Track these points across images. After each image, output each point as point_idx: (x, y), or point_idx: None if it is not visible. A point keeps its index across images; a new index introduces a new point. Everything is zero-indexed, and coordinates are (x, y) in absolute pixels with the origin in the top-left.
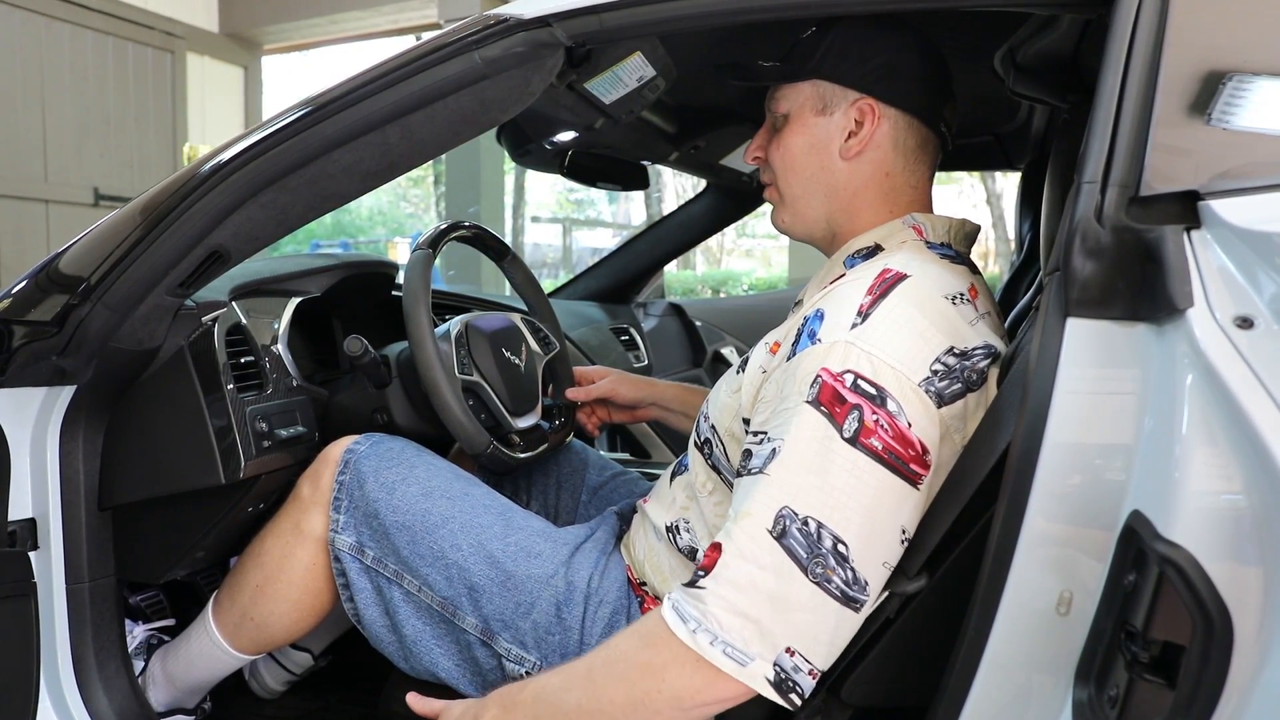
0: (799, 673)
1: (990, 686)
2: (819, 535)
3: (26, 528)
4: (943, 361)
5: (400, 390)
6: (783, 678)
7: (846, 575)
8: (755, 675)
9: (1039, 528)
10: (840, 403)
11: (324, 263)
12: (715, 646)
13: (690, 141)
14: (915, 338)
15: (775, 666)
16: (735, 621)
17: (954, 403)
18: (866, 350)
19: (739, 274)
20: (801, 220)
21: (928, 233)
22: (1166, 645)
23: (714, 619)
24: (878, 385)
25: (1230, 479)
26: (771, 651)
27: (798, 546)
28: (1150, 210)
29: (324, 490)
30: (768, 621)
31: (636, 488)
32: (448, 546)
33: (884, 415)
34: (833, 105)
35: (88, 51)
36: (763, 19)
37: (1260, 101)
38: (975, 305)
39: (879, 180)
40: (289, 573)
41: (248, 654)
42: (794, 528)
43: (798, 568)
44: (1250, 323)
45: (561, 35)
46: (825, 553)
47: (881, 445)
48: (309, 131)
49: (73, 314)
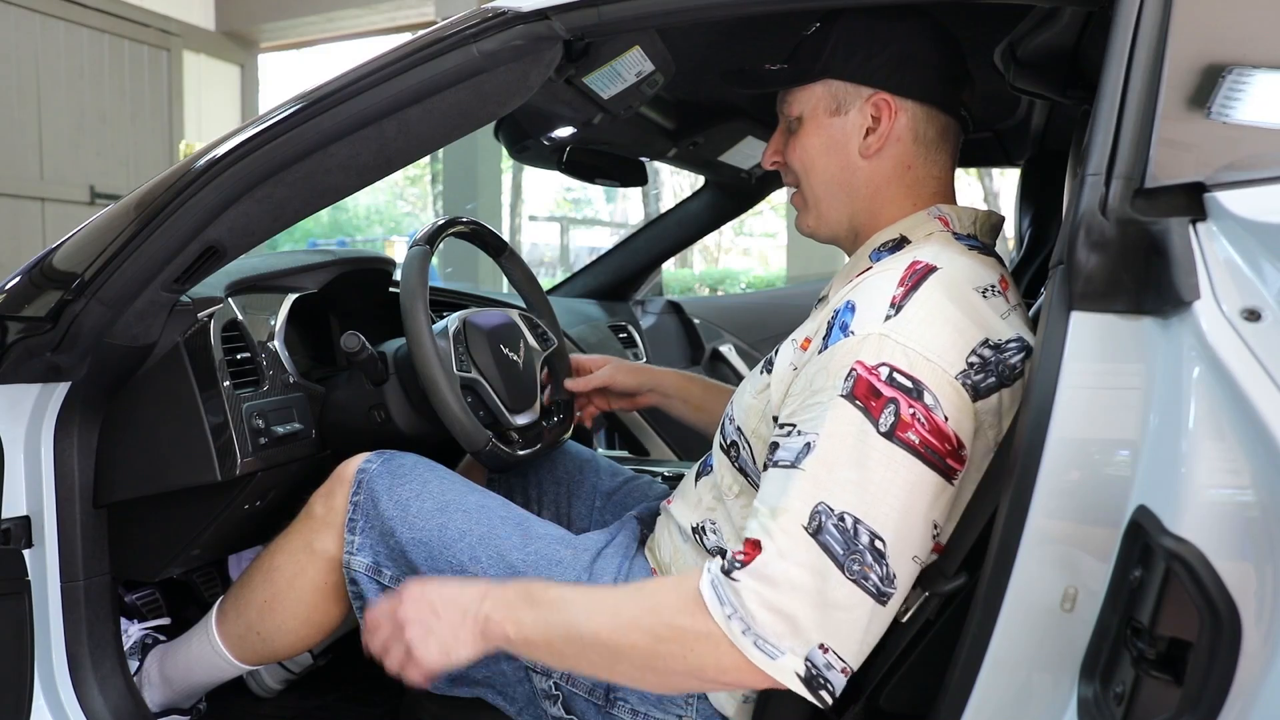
0: (831, 670)
1: (994, 683)
2: (855, 531)
3: (21, 525)
4: (979, 354)
5: (398, 387)
6: (814, 674)
7: (882, 571)
8: (785, 670)
9: (1043, 524)
10: (876, 396)
11: (321, 259)
12: (747, 636)
13: (689, 138)
14: (950, 330)
15: (807, 662)
16: (769, 617)
17: (989, 396)
18: (901, 343)
19: (736, 272)
20: (825, 223)
21: (954, 224)
22: (1173, 641)
23: (749, 612)
24: (914, 378)
25: (1237, 473)
26: (804, 647)
27: (834, 543)
28: (1155, 203)
29: (338, 511)
30: (803, 619)
31: (651, 491)
32: (466, 560)
33: (920, 409)
34: (847, 104)
35: (84, 49)
36: (761, 13)
37: (1266, 93)
38: (1007, 297)
39: (901, 174)
40: (299, 590)
41: (250, 664)
42: (830, 524)
43: (834, 565)
44: (1257, 315)
45: (560, 29)
46: (862, 549)
47: (918, 439)
48: (305, 126)
49: (67, 310)
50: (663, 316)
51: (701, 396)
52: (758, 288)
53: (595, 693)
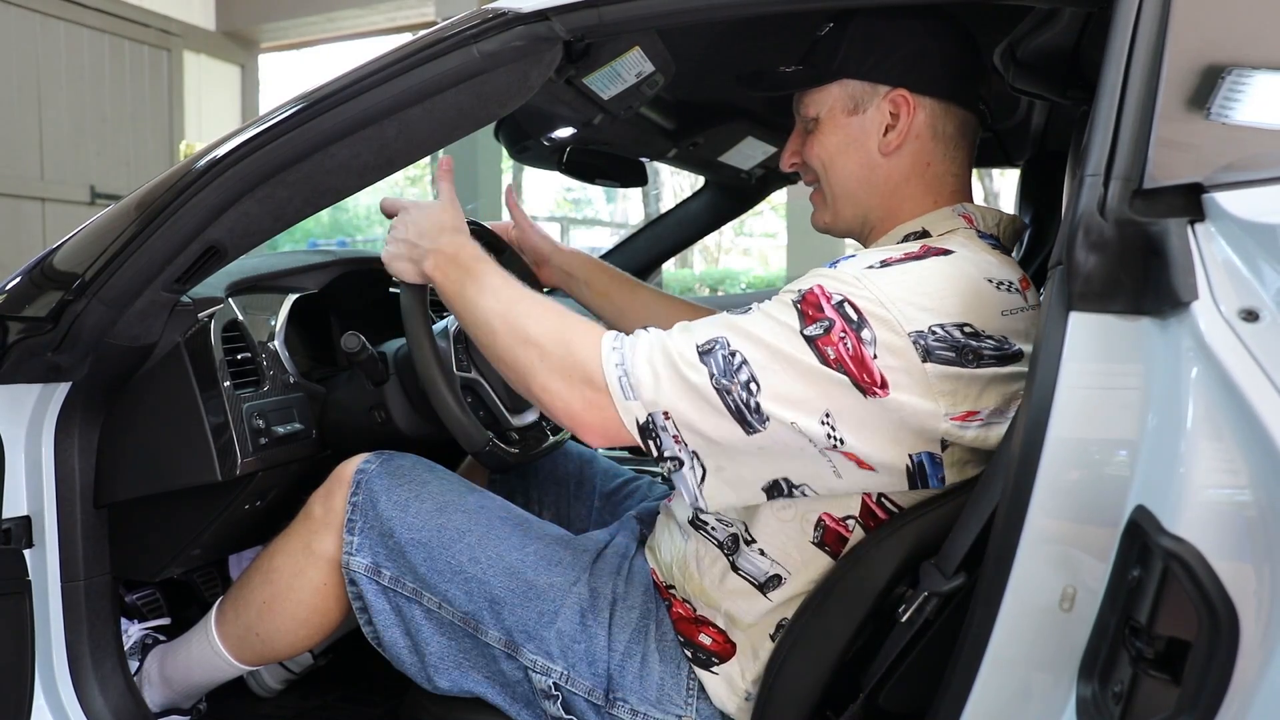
0: (665, 433)
1: (993, 683)
2: (739, 367)
3: (21, 525)
4: (948, 330)
5: (398, 387)
6: (650, 428)
7: (747, 400)
8: (629, 410)
9: (1041, 524)
10: (817, 310)
11: (321, 259)
12: (617, 369)
13: (689, 138)
14: (925, 298)
15: (648, 416)
16: (644, 367)
17: (941, 365)
18: (868, 287)
19: (737, 272)
20: (842, 219)
21: (979, 222)
22: (1171, 641)
23: (632, 351)
24: (862, 314)
25: (1235, 473)
26: (653, 406)
27: (715, 364)
28: (1154, 203)
29: (337, 511)
30: (665, 382)
31: (651, 491)
32: (465, 560)
33: (852, 337)
34: (864, 103)
35: (84, 49)
36: (760, 14)
37: (1264, 94)
38: (1025, 296)
39: (920, 171)
40: (298, 592)
41: (250, 665)
42: (720, 352)
43: (708, 373)
44: (1255, 315)
45: (560, 29)
46: (735, 379)
47: (834, 354)
48: (306, 126)
49: (68, 310)
50: None
51: (608, 284)
52: (758, 288)
53: (594, 693)
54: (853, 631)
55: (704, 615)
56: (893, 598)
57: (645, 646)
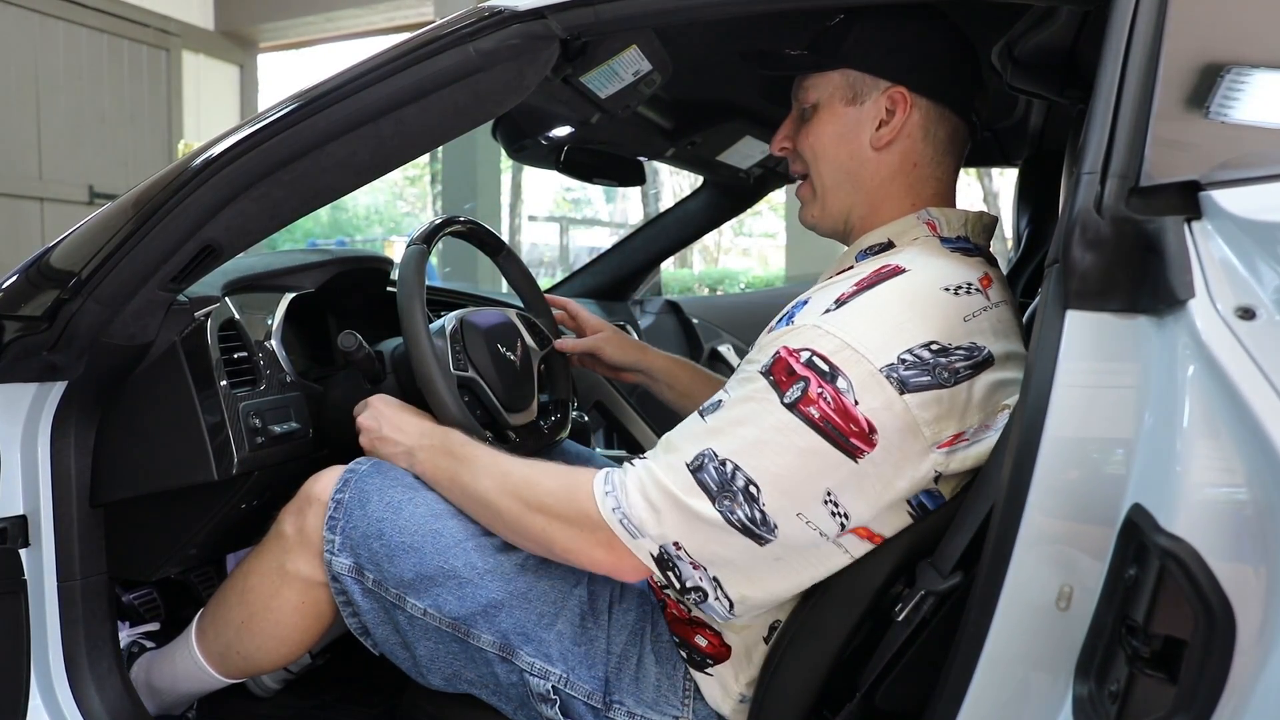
0: (681, 562)
1: (990, 682)
2: (733, 476)
3: (17, 525)
4: (915, 353)
5: (395, 386)
6: (666, 558)
7: (753, 513)
8: (642, 548)
9: (1038, 522)
10: (789, 374)
11: (318, 258)
12: (616, 514)
13: (687, 137)
14: (887, 326)
15: (661, 549)
16: (641, 501)
17: (919, 393)
18: (830, 332)
19: (736, 272)
20: (829, 214)
21: (942, 228)
22: (1168, 640)
23: (626, 491)
24: (832, 364)
25: (1232, 471)
26: (661, 540)
27: (710, 480)
28: (1150, 201)
29: (309, 531)
30: (666, 514)
31: None
32: (460, 565)
33: (830, 390)
34: (863, 94)
35: (83, 49)
36: (758, 13)
37: (1261, 92)
38: (987, 294)
39: (906, 171)
40: (275, 612)
41: (234, 679)
42: (711, 466)
43: (707, 496)
44: (1252, 313)
45: (556, 28)
46: (735, 490)
47: (819, 414)
48: (302, 125)
49: (64, 309)
50: (661, 316)
51: (689, 383)
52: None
53: (593, 696)
54: (848, 631)
55: (698, 617)
56: (889, 597)
57: (641, 648)
